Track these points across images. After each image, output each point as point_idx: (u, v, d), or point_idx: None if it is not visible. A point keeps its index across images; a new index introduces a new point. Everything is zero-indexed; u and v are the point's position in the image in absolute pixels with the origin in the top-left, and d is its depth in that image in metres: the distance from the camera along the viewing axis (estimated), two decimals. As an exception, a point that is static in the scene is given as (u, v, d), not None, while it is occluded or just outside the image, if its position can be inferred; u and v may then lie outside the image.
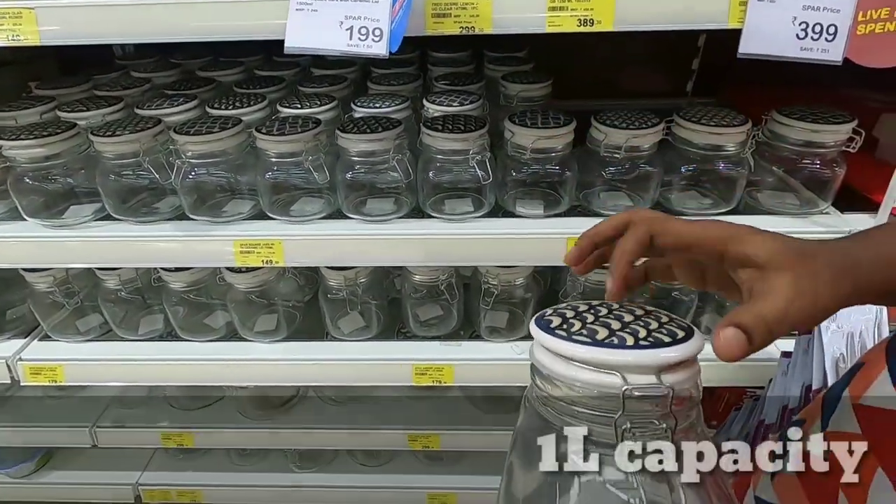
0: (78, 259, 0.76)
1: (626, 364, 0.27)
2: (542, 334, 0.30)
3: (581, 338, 0.29)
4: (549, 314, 0.33)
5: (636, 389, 0.27)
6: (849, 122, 0.68)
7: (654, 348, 0.28)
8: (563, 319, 0.32)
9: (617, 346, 0.28)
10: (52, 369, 0.87)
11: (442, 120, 0.74)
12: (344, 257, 0.75)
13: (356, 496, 1.13)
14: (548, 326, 0.31)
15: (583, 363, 0.28)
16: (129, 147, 0.71)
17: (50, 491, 1.16)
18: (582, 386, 0.29)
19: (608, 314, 0.33)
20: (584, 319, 0.32)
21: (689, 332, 0.30)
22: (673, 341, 0.28)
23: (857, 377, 0.33)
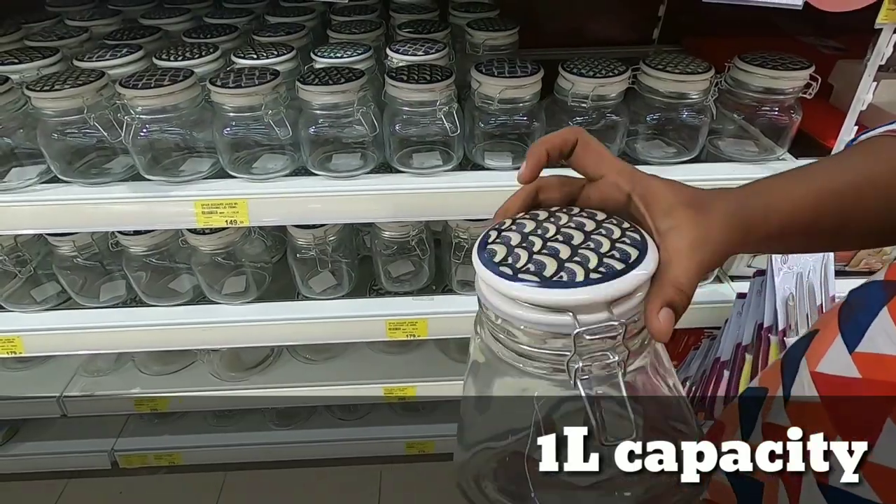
0: (25, 225, 0.72)
1: (576, 303, 0.26)
2: (487, 273, 0.28)
3: (528, 276, 0.27)
4: (492, 240, 0.30)
5: (588, 330, 0.25)
6: (806, 68, 0.70)
7: (605, 281, 0.26)
8: (507, 249, 0.29)
9: (567, 285, 0.26)
10: (10, 341, 0.84)
11: (407, 70, 0.71)
12: (311, 215, 0.74)
13: (336, 449, 1.16)
14: (491, 261, 0.28)
15: (531, 304, 0.26)
16: (71, 103, 0.66)
17: (21, 463, 1.14)
18: (531, 326, 0.27)
19: (556, 234, 0.30)
20: (531, 246, 0.29)
21: (643, 249, 0.28)
22: (625, 266, 0.27)
23: (814, 344, 0.34)
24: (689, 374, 0.97)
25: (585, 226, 0.30)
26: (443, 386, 1.05)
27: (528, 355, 0.28)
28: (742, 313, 0.84)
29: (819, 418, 0.30)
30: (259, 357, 1.08)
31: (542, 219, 0.31)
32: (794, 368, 0.34)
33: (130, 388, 1.04)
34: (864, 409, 0.27)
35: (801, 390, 0.33)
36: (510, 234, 0.30)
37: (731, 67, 0.74)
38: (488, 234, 0.31)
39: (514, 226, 0.31)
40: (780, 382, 0.35)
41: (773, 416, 0.35)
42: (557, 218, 0.31)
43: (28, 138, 0.72)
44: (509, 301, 0.27)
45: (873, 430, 0.26)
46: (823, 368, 0.31)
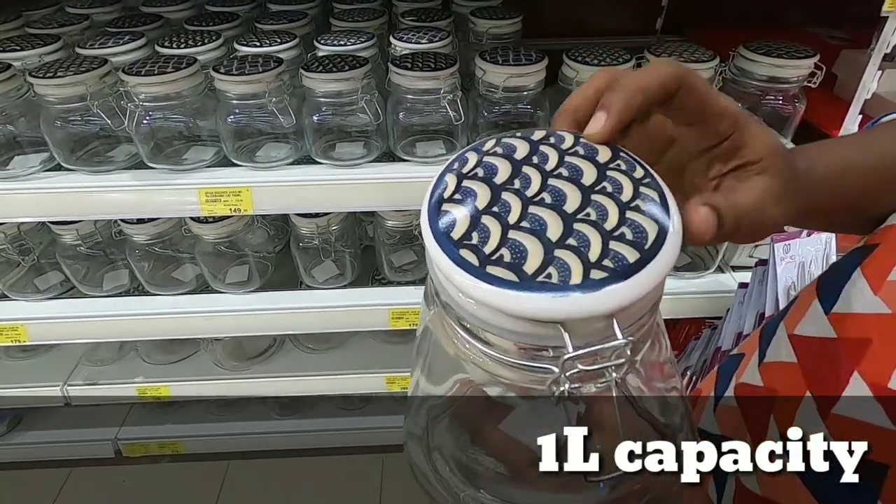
0: (28, 213, 0.72)
1: (568, 317, 0.18)
2: (443, 259, 0.19)
3: (501, 271, 0.19)
4: (449, 195, 0.21)
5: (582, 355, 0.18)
6: (811, 56, 0.69)
7: (611, 282, 0.18)
8: (471, 215, 0.20)
9: (557, 288, 0.18)
10: (14, 329, 0.84)
11: (411, 58, 0.71)
12: (315, 203, 0.74)
13: (338, 438, 1.17)
14: (448, 238, 0.20)
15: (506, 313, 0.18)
16: (74, 90, 0.66)
17: (25, 451, 1.15)
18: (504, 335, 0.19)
19: (541, 189, 0.21)
20: (505, 211, 0.20)
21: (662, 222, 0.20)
22: (640, 254, 0.19)
23: (792, 310, 0.34)
24: (690, 363, 0.98)
25: (583, 174, 0.21)
26: (445, 376, 1.05)
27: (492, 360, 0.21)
28: (743, 303, 0.84)
29: (792, 377, 0.30)
30: (262, 347, 1.09)
31: (520, 157, 0.22)
32: (772, 333, 0.34)
33: (133, 377, 1.04)
34: (834, 364, 0.28)
35: (778, 352, 0.33)
36: (475, 187, 0.21)
37: (736, 56, 0.74)
38: (443, 180, 0.22)
39: (479, 167, 0.22)
40: (757, 347, 0.35)
41: (747, 376, 0.35)
42: (543, 156, 0.22)
43: (31, 126, 0.72)
44: (472, 300, 0.19)
45: (841, 384, 0.27)
46: (800, 331, 0.31)
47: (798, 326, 0.32)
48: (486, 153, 0.23)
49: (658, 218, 0.20)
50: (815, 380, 0.29)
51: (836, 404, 0.27)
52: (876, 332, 0.26)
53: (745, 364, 0.37)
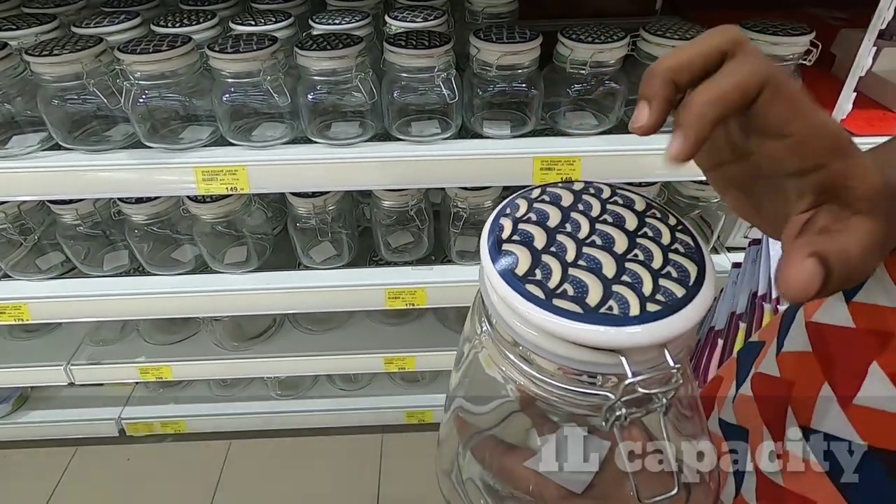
0: (26, 191, 0.72)
1: (631, 345, 0.20)
2: (512, 295, 0.21)
3: (566, 303, 0.20)
4: (508, 236, 0.23)
5: (639, 378, 0.20)
6: (806, 34, 0.69)
7: (665, 315, 0.20)
8: (531, 254, 0.22)
9: (619, 321, 0.20)
10: (17, 308, 0.86)
11: (405, 36, 0.71)
12: (310, 182, 0.75)
13: (337, 418, 1.19)
14: (513, 274, 0.21)
15: (572, 342, 0.20)
16: (70, 68, 0.66)
17: (32, 430, 1.17)
18: (562, 363, 0.21)
19: (591, 233, 0.23)
20: (562, 252, 0.22)
21: (700, 263, 0.22)
22: (686, 291, 0.21)
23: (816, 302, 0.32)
24: (685, 344, 0.99)
25: (625, 221, 0.24)
26: (441, 357, 1.06)
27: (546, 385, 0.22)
28: (737, 283, 0.84)
29: (809, 367, 0.30)
30: (261, 327, 1.10)
31: (567, 204, 0.24)
32: (791, 319, 0.34)
33: (136, 358, 1.06)
34: (852, 355, 0.28)
35: (794, 341, 0.33)
36: (530, 230, 0.23)
37: (732, 34, 0.73)
38: (499, 223, 0.24)
39: (532, 213, 0.24)
40: (776, 335, 0.35)
41: (765, 366, 0.35)
42: (587, 205, 0.24)
43: (28, 106, 0.72)
44: (538, 331, 0.21)
45: (859, 375, 0.27)
46: (818, 318, 0.31)
47: (816, 314, 0.31)
48: (535, 200, 0.25)
49: (696, 259, 0.22)
50: (831, 369, 0.28)
51: (857, 395, 0.26)
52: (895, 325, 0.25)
53: (764, 352, 0.36)
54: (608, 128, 0.77)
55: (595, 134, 0.76)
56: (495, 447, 0.26)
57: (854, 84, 0.67)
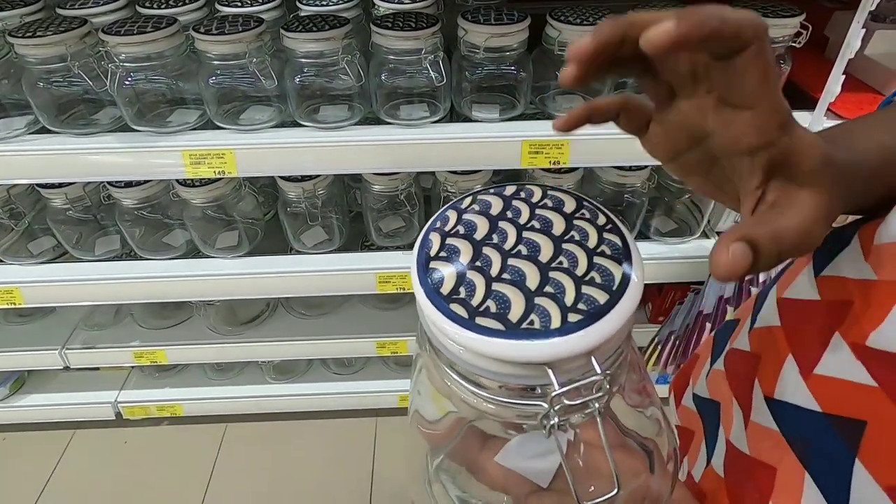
0: (14, 174, 0.72)
1: (553, 359, 0.20)
2: (435, 315, 0.21)
3: (488, 321, 0.21)
4: (435, 253, 0.23)
5: (565, 388, 0.20)
6: (797, 15, 0.69)
7: (587, 324, 0.20)
8: (457, 272, 0.22)
9: (540, 334, 0.20)
10: (10, 292, 0.86)
11: (392, 17, 0.71)
12: (299, 166, 0.75)
13: (332, 402, 1.20)
14: (438, 294, 0.22)
15: (498, 360, 0.20)
16: (54, 50, 0.66)
17: (29, 413, 1.19)
18: (495, 377, 0.21)
19: (517, 243, 0.23)
20: (487, 266, 0.22)
21: (627, 264, 0.22)
22: (609, 296, 0.21)
23: (786, 273, 0.34)
24: (674, 328, 1.00)
25: (553, 225, 0.24)
26: (434, 341, 1.07)
27: (484, 399, 0.22)
28: (726, 267, 0.85)
29: (775, 341, 0.31)
30: (254, 312, 1.11)
31: (495, 213, 0.25)
32: (765, 297, 0.35)
33: (130, 342, 1.07)
34: (815, 326, 0.28)
35: (765, 317, 0.33)
36: (457, 244, 0.23)
37: (723, 16, 0.73)
38: (428, 239, 0.24)
39: (460, 225, 0.24)
40: (751, 313, 0.36)
41: (738, 342, 0.36)
42: (516, 211, 0.25)
43: (14, 89, 0.72)
44: (466, 349, 0.21)
45: (822, 345, 0.27)
46: (788, 294, 0.31)
47: (787, 290, 0.32)
48: (465, 210, 0.25)
49: (621, 259, 0.22)
50: (796, 342, 0.29)
51: (817, 365, 0.27)
52: (858, 294, 0.26)
53: (738, 330, 0.37)
54: (597, 111, 0.77)
55: (584, 117, 0.76)
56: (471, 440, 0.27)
57: (843, 66, 0.67)
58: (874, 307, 0.25)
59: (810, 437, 0.27)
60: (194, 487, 1.14)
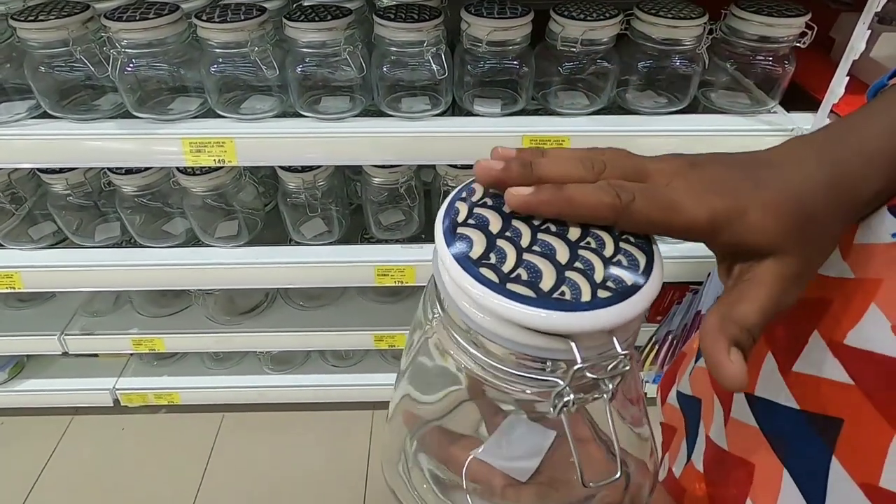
0: (15, 159, 0.73)
1: (581, 331, 0.20)
2: (465, 277, 0.21)
3: (520, 288, 0.20)
4: (463, 219, 0.23)
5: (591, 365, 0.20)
6: (802, 15, 0.68)
7: (615, 301, 0.20)
8: (486, 239, 0.22)
9: (571, 306, 0.20)
10: (10, 276, 0.86)
11: (395, 9, 0.70)
12: (298, 156, 0.75)
13: (329, 393, 1.20)
14: (468, 258, 0.21)
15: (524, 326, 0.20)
16: (56, 34, 0.66)
17: (27, 397, 1.19)
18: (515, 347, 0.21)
19: (544, 223, 0.23)
20: (517, 237, 0.22)
21: (648, 252, 0.22)
22: (635, 278, 0.21)
23: None
24: (672, 328, 0.99)
25: None
26: (432, 335, 1.07)
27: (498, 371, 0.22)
28: (724, 267, 0.84)
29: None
30: (253, 302, 1.11)
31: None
32: None
33: (128, 329, 1.07)
34: (794, 324, 0.28)
35: None
36: (486, 214, 0.23)
37: (727, 15, 0.73)
38: (454, 207, 0.23)
39: (486, 198, 0.24)
40: None
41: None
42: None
43: (16, 73, 0.72)
44: (491, 315, 0.20)
45: (801, 343, 0.27)
46: None
47: None
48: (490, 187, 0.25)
49: (644, 249, 0.23)
50: (775, 340, 0.30)
51: (796, 362, 0.27)
52: (836, 293, 0.26)
53: None
54: (599, 108, 0.76)
55: (585, 114, 0.76)
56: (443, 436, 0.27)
57: (847, 68, 0.66)
58: (852, 306, 0.25)
59: (788, 434, 0.27)
60: (191, 475, 1.14)
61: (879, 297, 0.24)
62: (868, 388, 0.23)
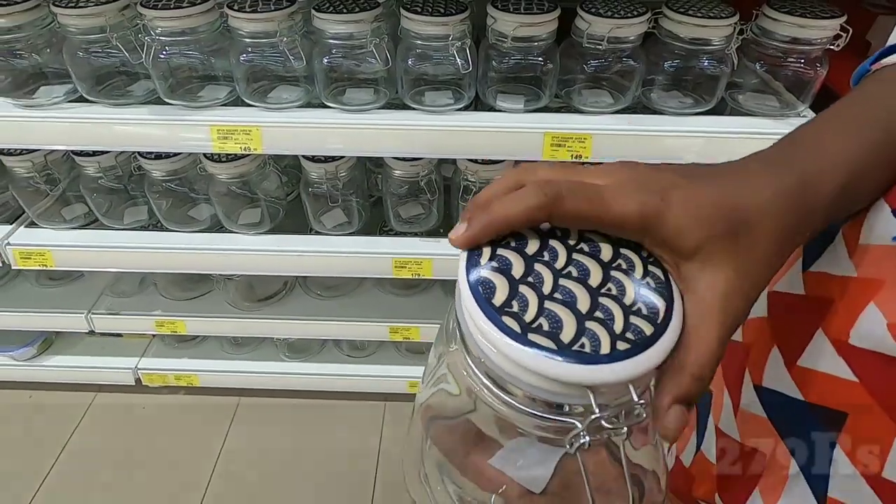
0: (51, 140, 0.75)
1: (601, 383, 0.20)
2: (488, 326, 0.21)
3: (541, 339, 0.21)
4: (486, 261, 0.23)
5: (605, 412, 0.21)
6: (837, 17, 0.67)
7: (634, 354, 0.21)
8: (509, 285, 0.22)
9: (590, 358, 0.20)
10: (42, 254, 0.90)
11: (422, 2, 0.71)
12: (322, 146, 0.76)
13: (342, 383, 1.22)
14: (490, 304, 0.22)
15: (545, 377, 0.21)
16: (94, 21, 0.68)
17: (54, 373, 1.24)
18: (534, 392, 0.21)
19: (568, 263, 0.23)
20: (539, 283, 0.22)
21: (669, 298, 0.22)
22: (654, 328, 0.21)
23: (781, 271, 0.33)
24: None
25: (601, 252, 0.24)
26: (446, 329, 1.08)
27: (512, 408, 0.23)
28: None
29: (763, 331, 0.31)
30: (272, 290, 1.13)
31: (545, 229, 0.24)
32: None
33: (152, 311, 1.10)
34: (800, 320, 0.29)
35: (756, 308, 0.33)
36: (509, 256, 0.23)
37: (759, 15, 0.71)
38: (479, 250, 0.23)
39: (511, 238, 0.24)
40: None
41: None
42: (566, 231, 0.24)
43: (56, 58, 0.75)
44: (512, 364, 0.21)
45: (805, 339, 0.28)
46: (778, 287, 0.32)
47: (777, 283, 0.32)
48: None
49: (664, 294, 0.23)
50: (781, 334, 0.30)
51: (801, 357, 0.28)
52: (839, 291, 0.27)
53: None
54: (623, 107, 0.76)
55: (609, 112, 0.75)
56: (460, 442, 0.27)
57: (883, 71, 0.65)
58: (853, 304, 0.25)
59: (795, 424, 0.27)
60: (206, 455, 1.17)
61: (879, 297, 0.24)
62: (871, 385, 0.24)
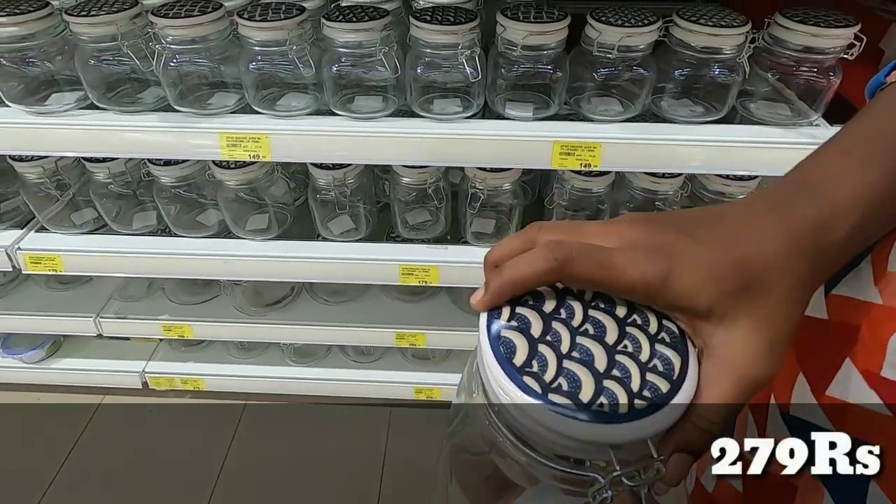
0: (62, 147, 0.76)
1: (620, 441, 0.21)
2: (510, 387, 0.22)
3: (560, 398, 0.21)
4: (506, 321, 0.24)
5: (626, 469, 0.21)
6: (850, 26, 0.66)
7: (651, 412, 0.21)
8: (529, 345, 0.23)
9: (609, 417, 0.21)
10: (52, 259, 0.90)
11: (431, 11, 0.71)
12: (330, 154, 0.76)
13: (348, 388, 1.22)
14: (511, 364, 0.22)
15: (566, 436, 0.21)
16: (105, 29, 0.68)
17: (62, 376, 1.24)
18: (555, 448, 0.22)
19: (584, 321, 0.24)
20: (557, 342, 0.23)
21: (684, 353, 0.23)
22: (670, 385, 0.22)
23: None
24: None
25: (616, 308, 0.24)
26: (452, 336, 1.08)
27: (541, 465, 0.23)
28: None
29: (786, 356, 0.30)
30: (279, 295, 1.13)
31: (560, 288, 0.25)
32: None
33: (160, 315, 1.10)
34: (825, 346, 0.28)
35: None
36: (528, 315, 0.24)
37: (771, 24, 0.71)
38: (499, 310, 0.24)
39: (528, 296, 0.25)
40: None
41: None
42: (580, 290, 0.25)
43: (68, 65, 0.75)
44: (534, 421, 0.22)
45: (833, 367, 0.27)
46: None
47: None
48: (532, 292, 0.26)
49: (679, 350, 0.23)
50: (806, 360, 0.29)
51: (829, 387, 0.27)
52: (865, 321, 0.26)
53: None
54: (633, 115, 0.75)
55: (619, 121, 0.75)
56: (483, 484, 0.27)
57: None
58: (880, 334, 0.25)
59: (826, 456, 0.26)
60: (212, 460, 1.17)
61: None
62: None
